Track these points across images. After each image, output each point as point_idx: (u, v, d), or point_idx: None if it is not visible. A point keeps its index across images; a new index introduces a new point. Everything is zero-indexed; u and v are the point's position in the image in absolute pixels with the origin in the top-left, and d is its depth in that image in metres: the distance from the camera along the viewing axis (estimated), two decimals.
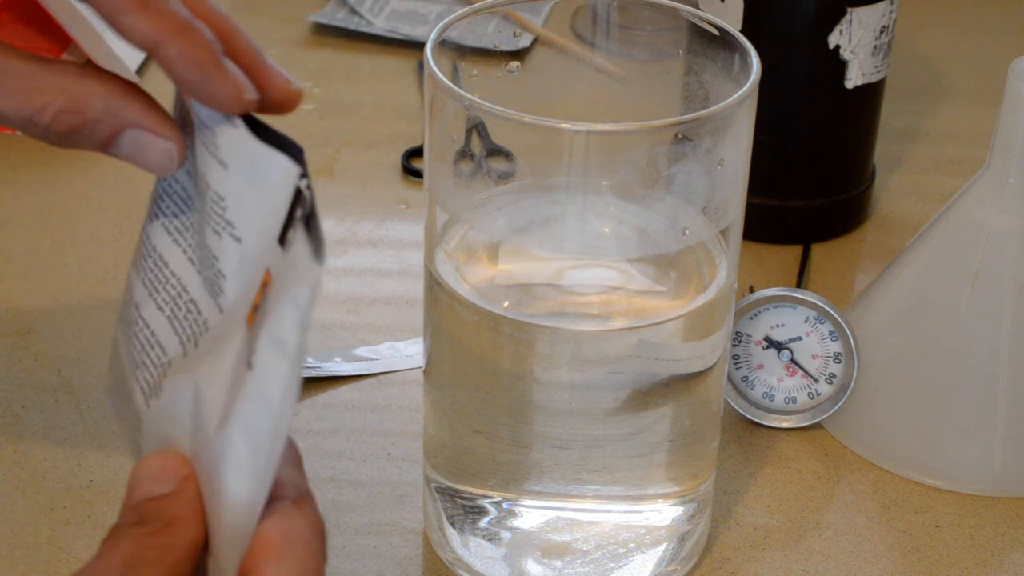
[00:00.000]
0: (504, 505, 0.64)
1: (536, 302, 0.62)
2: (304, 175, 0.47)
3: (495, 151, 0.63)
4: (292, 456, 0.48)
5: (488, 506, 0.64)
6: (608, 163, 0.60)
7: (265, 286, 0.47)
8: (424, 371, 0.66)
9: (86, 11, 0.96)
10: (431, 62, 0.59)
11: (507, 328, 0.60)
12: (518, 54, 0.75)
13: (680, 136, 0.59)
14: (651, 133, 0.58)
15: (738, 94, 0.58)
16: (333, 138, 0.96)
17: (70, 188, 0.89)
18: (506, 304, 0.61)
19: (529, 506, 0.64)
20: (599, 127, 0.56)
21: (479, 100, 0.57)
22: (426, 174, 0.62)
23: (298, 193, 0.46)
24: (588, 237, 0.64)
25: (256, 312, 0.47)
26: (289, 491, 0.47)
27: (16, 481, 0.69)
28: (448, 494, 0.65)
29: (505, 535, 0.64)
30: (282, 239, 0.47)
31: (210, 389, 0.47)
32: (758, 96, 0.59)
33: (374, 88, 1.01)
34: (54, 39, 0.97)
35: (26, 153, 0.92)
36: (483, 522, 0.65)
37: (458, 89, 0.58)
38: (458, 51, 0.62)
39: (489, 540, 0.65)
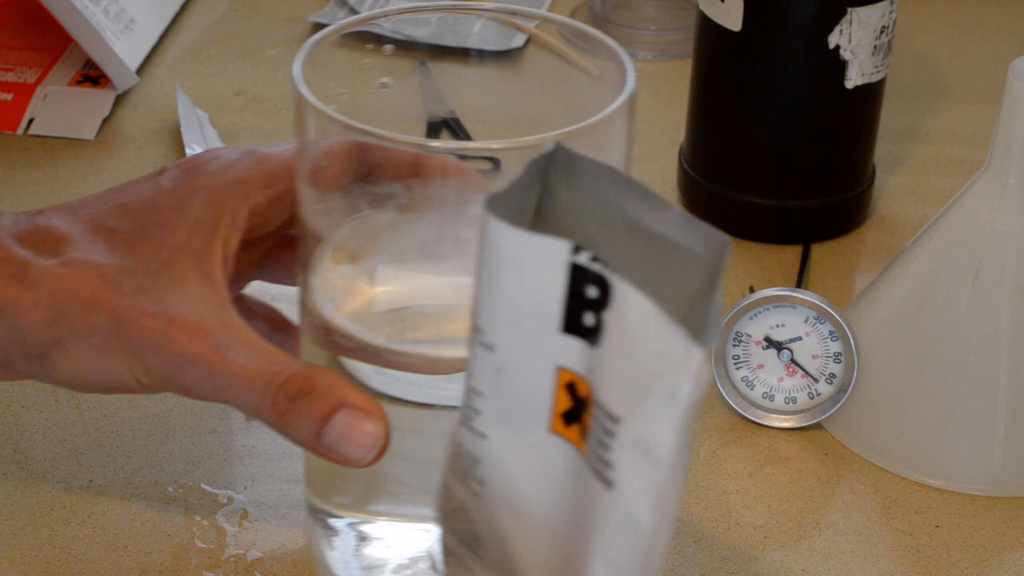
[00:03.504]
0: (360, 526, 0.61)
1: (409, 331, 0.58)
2: (578, 249, 0.39)
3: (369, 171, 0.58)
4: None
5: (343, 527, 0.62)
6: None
7: (571, 386, 0.40)
8: None
9: (86, 11, 0.96)
10: (300, 82, 0.55)
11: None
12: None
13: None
14: (522, 151, 0.52)
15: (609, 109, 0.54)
16: None
17: (70, 188, 0.89)
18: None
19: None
20: (457, 145, 0.53)
21: (344, 117, 0.53)
22: (298, 196, 0.58)
23: (575, 270, 0.40)
24: (463, 256, 0.58)
25: (589, 420, 0.40)
26: None
27: (16, 481, 0.69)
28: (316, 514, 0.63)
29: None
30: (571, 327, 0.40)
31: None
32: (758, 96, 0.59)
33: None
34: (54, 39, 0.97)
35: (26, 153, 0.92)
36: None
37: (323, 107, 0.54)
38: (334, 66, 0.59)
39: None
